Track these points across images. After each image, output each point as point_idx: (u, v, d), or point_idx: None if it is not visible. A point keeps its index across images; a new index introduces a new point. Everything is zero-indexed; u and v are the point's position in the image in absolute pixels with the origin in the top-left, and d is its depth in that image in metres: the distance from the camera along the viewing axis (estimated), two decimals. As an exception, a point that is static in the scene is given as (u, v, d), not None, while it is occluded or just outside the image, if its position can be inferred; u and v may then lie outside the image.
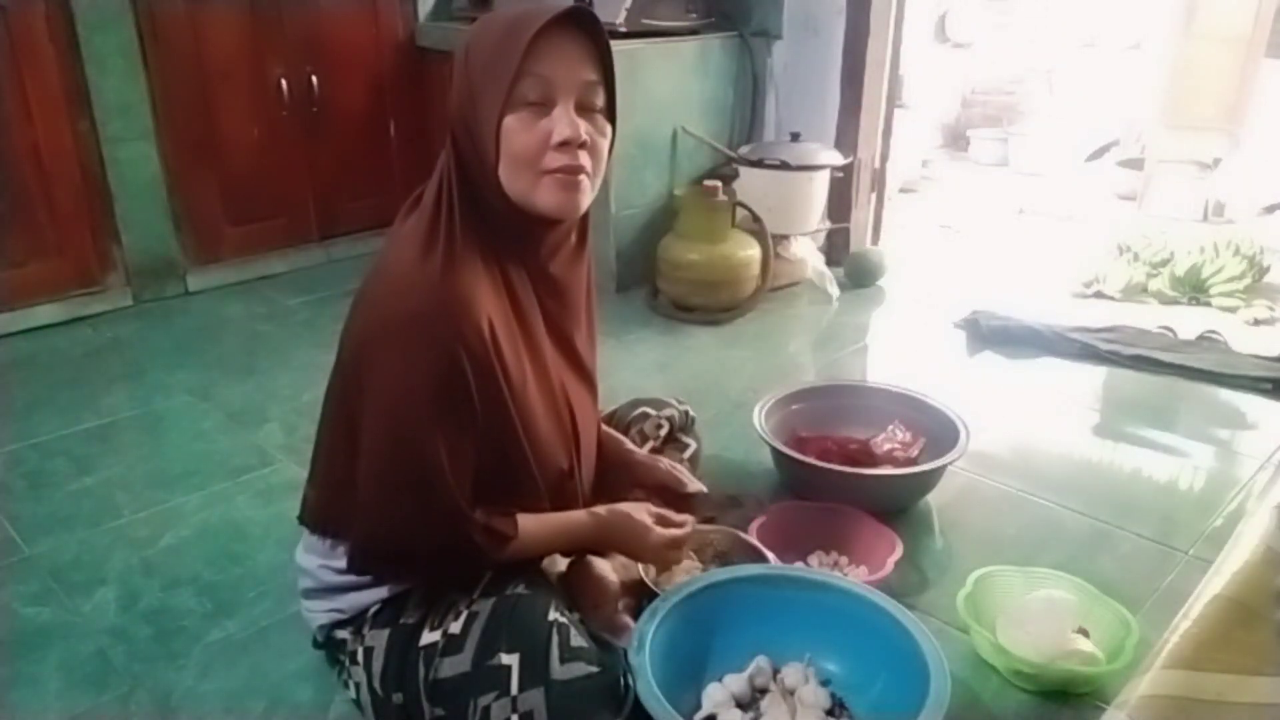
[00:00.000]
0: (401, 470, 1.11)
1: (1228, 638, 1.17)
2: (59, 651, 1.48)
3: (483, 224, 1.15)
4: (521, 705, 1.06)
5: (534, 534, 1.23)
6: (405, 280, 1.10)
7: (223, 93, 2.93)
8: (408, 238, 1.14)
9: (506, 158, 1.12)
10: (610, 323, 2.79)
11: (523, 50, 1.07)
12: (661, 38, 2.94)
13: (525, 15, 1.10)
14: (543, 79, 1.10)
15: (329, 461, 1.24)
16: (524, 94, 1.10)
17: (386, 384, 1.10)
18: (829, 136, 3.14)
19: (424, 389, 1.09)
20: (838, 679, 1.30)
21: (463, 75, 1.14)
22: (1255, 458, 2.10)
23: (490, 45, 1.11)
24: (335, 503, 1.22)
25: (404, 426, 1.10)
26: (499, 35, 1.10)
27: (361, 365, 1.14)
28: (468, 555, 1.17)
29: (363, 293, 1.18)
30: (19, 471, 2.00)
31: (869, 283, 3.17)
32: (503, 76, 1.09)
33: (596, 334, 1.41)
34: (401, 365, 1.09)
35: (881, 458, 1.91)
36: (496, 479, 1.19)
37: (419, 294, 1.08)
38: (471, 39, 1.15)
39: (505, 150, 1.11)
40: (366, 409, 1.13)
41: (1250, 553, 1.30)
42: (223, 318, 2.87)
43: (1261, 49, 3.90)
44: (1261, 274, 3.13)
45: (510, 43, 1.08)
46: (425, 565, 1.19)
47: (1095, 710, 1.35)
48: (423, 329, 1.07)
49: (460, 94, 1.14)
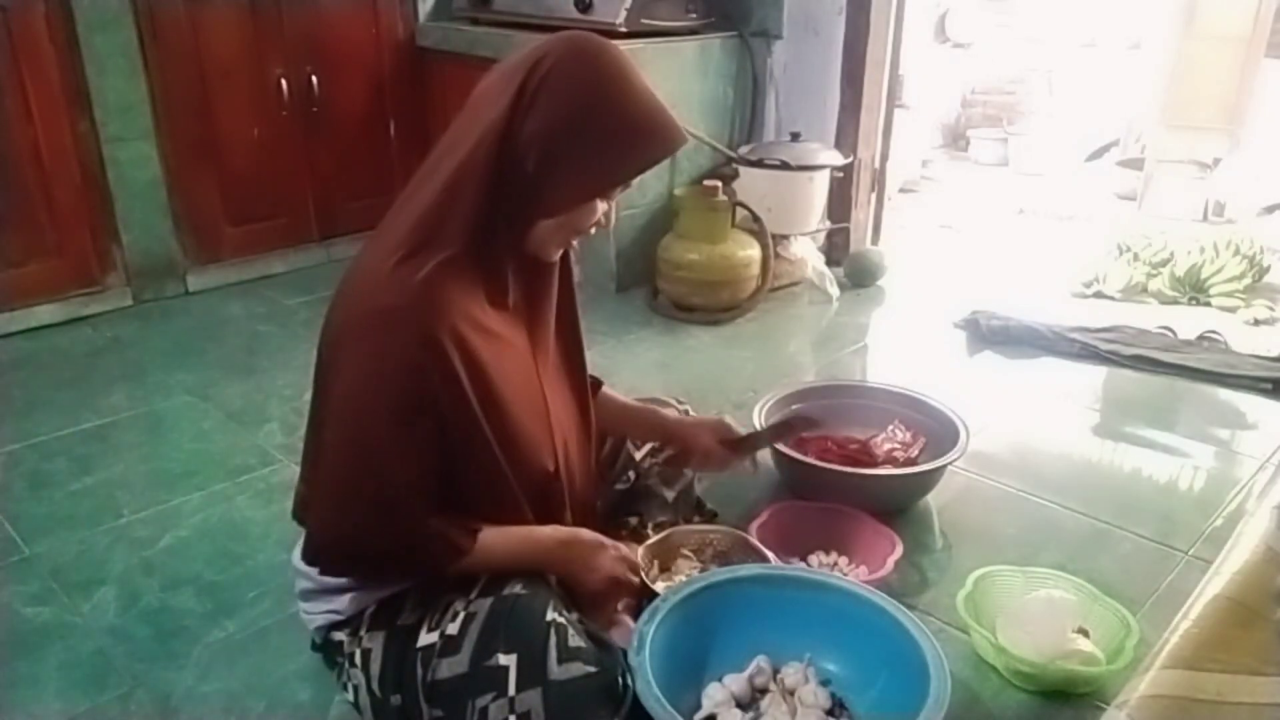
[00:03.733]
0: (356, 470, 1.11)
1: (1228, 638, 1.17)
2: (59, 651, 1.48)
3: (481, 231, 1.14)
4: (519, 706, 1.06)
5: (493, 548, 1.19)
6: (381, 277, 1.10)
7: (223, 93, 2.93)
8: (393, 233, 1.13)
9: (556, 221, 1.16)
10: (610, 323, 2.79)
11: (648, 167, 1.16)
12: (661, 38, 2.93)
13: (665, 129, 1.14)
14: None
15: (308, 458, 1.25)
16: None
17: (349, 381, 1.10)
18: (829, 136, 3.14)
19: (385, 389, 1.08)
20: (838, 679, 1.30)
21: (575, 124, 1.10)
22: (1255, 458, 2.10)
23: (622, 133, 1.11)
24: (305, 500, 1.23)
25: (361, 427, 1.10)
26: (633, 131, 1.12)
27: (331, 362, 1.14)
28: (420, 563, 1.16)
29: (340, 288, 1.18)
30: (19, 471, 2.00)
31: (869, 283, 3.17)
32: (618, 174, 1.15)
33: (582, 333, 1.40)
34: (366, 363, 1.09)
35: (881, 458, 1.91)
36: (468, 484, 1.18)
37: (392, 292, 1.08)
38: (604, 97, 1.10)
39: (565, 216, 1.16)
40: (330, 406, 1.13)
41: (1250, 553, 1.30)
42: (223, 318, 2.87)
43: (1261, 49, 3.90)
44: (1261, 274, 3.13)
45: (642, 154, 1.14)
46: (377, 568, 1.18)
47: (1095, 710, 1.35)
48: (391, 327, 1.07)
49: (560, 138, 1.10)
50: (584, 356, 1.40)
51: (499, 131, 1.09)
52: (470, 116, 1.15)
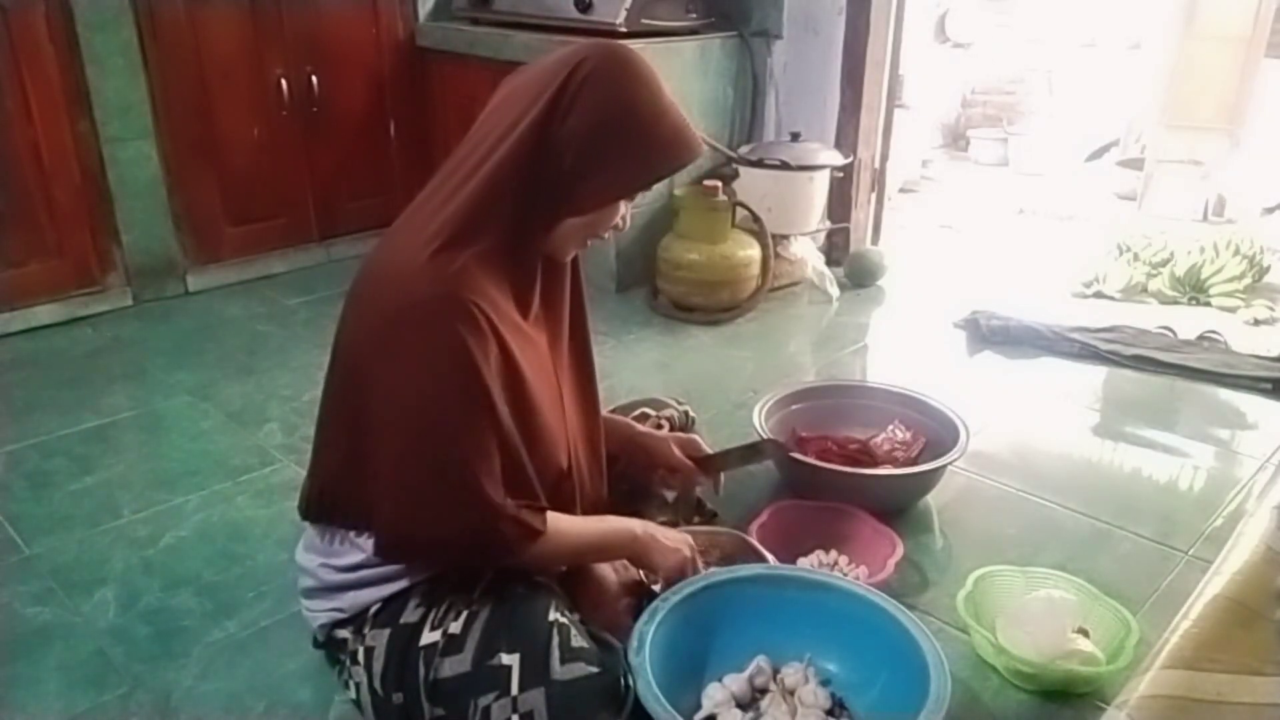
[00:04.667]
0: (428, 460, 1.11)
1: (1228, 638, 1.17)
2: (59, 651, 1.48)
3: (518, 224, 1.16)
4: (522, 705, 1.06)
5: (566, 534, 1.22)
6: (417, 267, 1.10)
7: (222, 93, 2.93)
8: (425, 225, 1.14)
9: (582, 220, 1.20)
10: (610, 323, 2.79)
11: (674, 171, 1.23)
12: (661, 38, 2.93)
13: (691, 138, 1.21)
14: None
15: (328, 455, 1.24)
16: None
17: (405, 374, 1.10)
18: (829, 136, 3.14)
19: (447, 375, 1.09)
20: (838, 679, 1.30)
21: (613, 124, 1.14)
22: (1255, 458, 2.10)
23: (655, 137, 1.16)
24: (334, 494, 1.22)
25: (427, 416, 1.11)
26: (664, 137, 1.17)
27: (366, 358, 1.14)
28: (495, 546, 1.16)
29: (366, 281, 1.18)
30: (19, 471, 2.00)
31: (869, 283, 3.17)
32: (649, 176, 1.22)
33: (590, 332, 1.41)
34: (420, 353, 1.10)
35: (881, 458, 1.91)
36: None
37: (433, 281, 1.09)
38: (640, 101, 1.15)
39: (591, 216, 1.20)
40: (377, 402, 1.13)
41: (1250, 553, 1.30)
42: (223, 318, 2.87)
43: (1261, 49, 3.90)
44: (1261, 274, 3.13)
45: (672, 159, 1.19)
46: (452, 554, 1.18)
47: (1095, 710, 1.35)
48: (440, 315, 1.09)
49: (598, 137, 1.14)
50: (593, 359, 1.42)
51: (538, 128, 1.13)
52: (502, 114, 1.17)
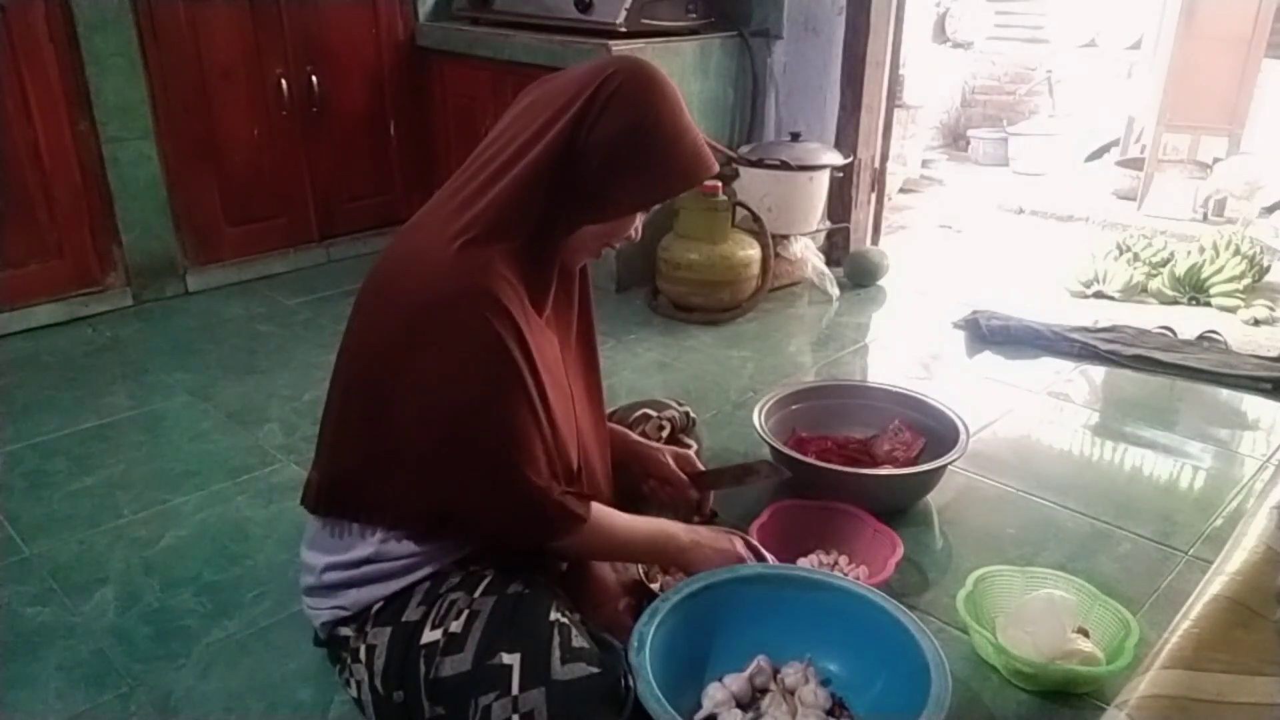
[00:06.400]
0: (465, 446, 1.13)
1: (1228, 638, 1.17)
2: (59, 651, 1.48)
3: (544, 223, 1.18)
4: (522, 705, 1.06)
5: (616, 528, 1.24)
6: (445, 260, 1.12)
7: (222, 93, 2.93)
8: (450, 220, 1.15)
9: (599, 227, 1.23)
10: (610, 323, 2.79)
11: (691, 186, 1.27)
12: (661, 38, 2.93)
13: (707, 155, 1.23)
14: None
15: (342, 447, 1.25)
16: None
17: (444, 364, 1.11)
18: (829, 136, 3.14)
19: (488, 363, 1.11)
20: (838, 679, 1.30)
21: (640, 135, 1.16)
22: (1255, 458, 2.10)
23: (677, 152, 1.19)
24: (348, 486, 1.23)
25: (472, 405, 1.12)
26: (685, 152, 1.20)
27: (393, 349, 1.14)
28: (540, 529, 1.18)
29: (387, 275, 1.19)
30: (19, 471, 2.00)
31: (869, 283, 3.17)
32: (669, 188, 1.24)
33: (596, 334, 1.43)
34: (457, 344, 1.11)
35: (881, 458, 1.92)
36: None
37: (463, 273, 1.11)
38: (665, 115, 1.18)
39: (609, 224, 1.23)
40: (406, 392, 1.13)
41: (1250, 553, 1.30)
42: (223, 318, 2.87)
43: (1261, 49, 3.90)
44: (1261, 274, 3.13)
45: (692, 174, 1.22)
46: (493, 533, 1.20)
47: (1095, 710, 1.35)
48: (473, 306, 1.10)
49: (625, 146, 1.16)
50: (599, 366, 1.43)
51: (567, 134, 1.15)
52: (531, 116, 1.18)
